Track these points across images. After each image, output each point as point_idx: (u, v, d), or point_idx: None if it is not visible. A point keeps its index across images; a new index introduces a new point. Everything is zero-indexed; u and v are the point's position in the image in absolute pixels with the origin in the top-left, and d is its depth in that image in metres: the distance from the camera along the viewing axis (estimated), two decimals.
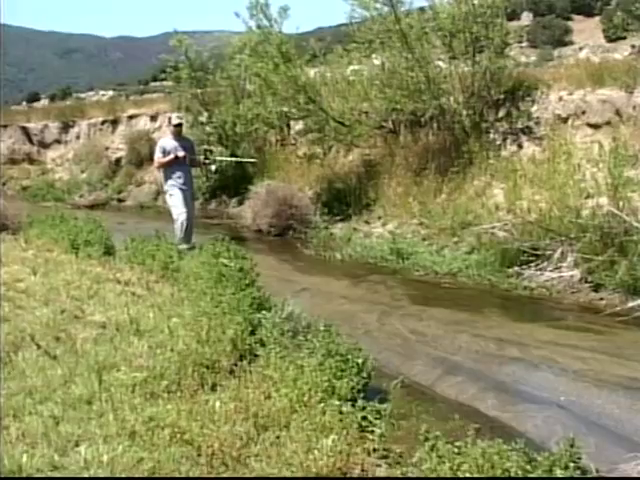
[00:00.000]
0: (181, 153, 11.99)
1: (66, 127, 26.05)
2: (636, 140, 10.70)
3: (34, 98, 64.88)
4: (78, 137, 25.56)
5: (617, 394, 6.12)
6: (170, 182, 12.13)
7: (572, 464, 3.94)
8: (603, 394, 6.13)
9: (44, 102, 56.77)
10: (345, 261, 11.65)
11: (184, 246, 11.08)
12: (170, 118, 12.96)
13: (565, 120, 12.21)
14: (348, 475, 4.37)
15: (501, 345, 7.43)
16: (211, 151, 14.03)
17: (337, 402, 5.06)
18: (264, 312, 6.85)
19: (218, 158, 15.25)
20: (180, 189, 12.05)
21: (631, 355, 7.00)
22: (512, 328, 8.03)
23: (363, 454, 4.57)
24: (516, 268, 9.65)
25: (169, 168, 12.12)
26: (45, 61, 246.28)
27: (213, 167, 13.86)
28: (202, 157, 13.19)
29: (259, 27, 14.94)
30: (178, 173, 12.07)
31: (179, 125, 12.47)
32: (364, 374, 5.55)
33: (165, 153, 12.09)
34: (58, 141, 26.16)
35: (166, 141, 12.37)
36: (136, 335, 6.60)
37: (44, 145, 26.40)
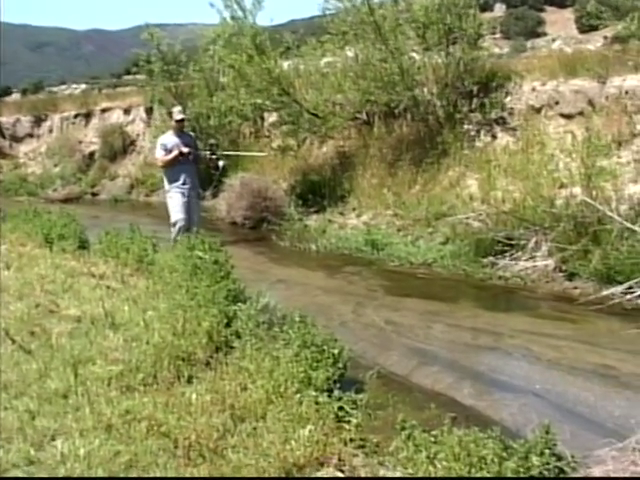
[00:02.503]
0: (185, 149, 11.37)
1: (38, 121, 25.89)
2: (609, 130, 10.77)
3: (6, 92, 64.24)
4: (51, 131, 25.42)
5: (591, 382, 6.17)
6: (172, 183, 11.49)
7: (547, 451, 3.97)
8: (577, 382, 6.18)
9: (16, 96, 56.30)
10: (320, 253, 11.66)
11: None
12: (172, 113, 12.10)
13: (538, 110, 12.28)
14: (325, 465, 4.37)
15: (476, 335, 7.47)
16: (217, 145, 13.60)
17: (313, 393, 5.07)
18: (239, 304, 6.83)
19: (225, 153, 14.96)
20: (182, 192, 11.41)
21: (605, 343, 7.06)
22: (487, 318, 8.07)
23: (340, 444, 4.57)
24: (491, 258, 9.70)
25: (172, 167, 11.46)
26: (17, 55, 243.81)
27: (221, 163, 13.19)
28: (208, 152, 12.74)
29: (233, 18, 14.89)
30: (181, 172, 11.42)
31: (182, 120, 11.74)
32: (340, 365, 5.55)
33: (167, 151, 11.42)
34: (30, 135, 26.00)
35: (167, 137, 11.66)
36: (111, 329, 6.57)
37: (16, 139, 26.20)
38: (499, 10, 73.51)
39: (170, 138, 11.55)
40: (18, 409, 4.95)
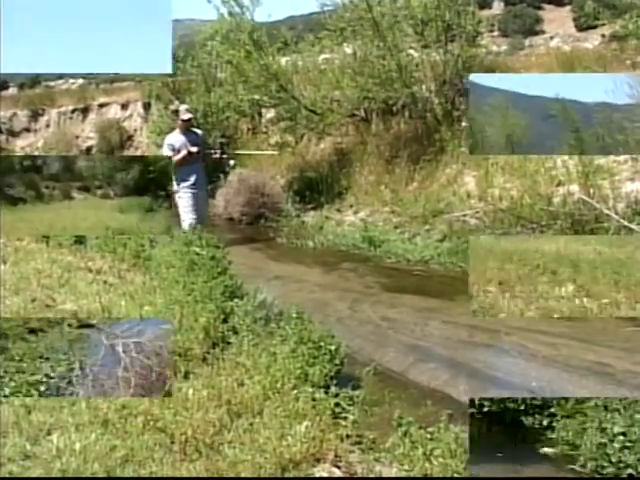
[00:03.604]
0: (194, 149, 11.19)
1: (35, 115, 25.86)
2: None
3: (2, 86, 64.08)
4: (48, 126, 25.39)
5: (587, 379, 6.17)
6: (182, 184, 11.27)
7: None
8: (573, 379, 6.18)
9: (13, 90, 56.14)
10: (317, 249, 11.66)
11: None
12: (178, 111, 11.90)
13: None
14: (321, 461, 4.38)
15: (472, 332, 7.45)
16: (228, 144, 13.39)
17: (310, 389, 5.08)
18: (236, 300, 6.83)
19: (237, 152, 14.81)
20: (192, 192, 11.25)
21: (600, 341, 7.05)
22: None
23: (336, 440, 4.57)
24: None
25: (180, 167, 11.21)
26: None
27: (232, 162, 12.98)
28: (219, 151, 12.57)
29: (231, 14, 14.85)
30: (191, 172, 11.24)
31: (189, 120, 11.51)
32: (337, 361, 5.55)
33: (174, 151, 11.21)
34: (27, 130, 25.96)
35: (173, 137, 11.45)
36: None
37: (13, 134, 26.15)
38: (497, 7, 73.26)
39: (177, 137, 11.37)
40: (14, 403, 4.94)
